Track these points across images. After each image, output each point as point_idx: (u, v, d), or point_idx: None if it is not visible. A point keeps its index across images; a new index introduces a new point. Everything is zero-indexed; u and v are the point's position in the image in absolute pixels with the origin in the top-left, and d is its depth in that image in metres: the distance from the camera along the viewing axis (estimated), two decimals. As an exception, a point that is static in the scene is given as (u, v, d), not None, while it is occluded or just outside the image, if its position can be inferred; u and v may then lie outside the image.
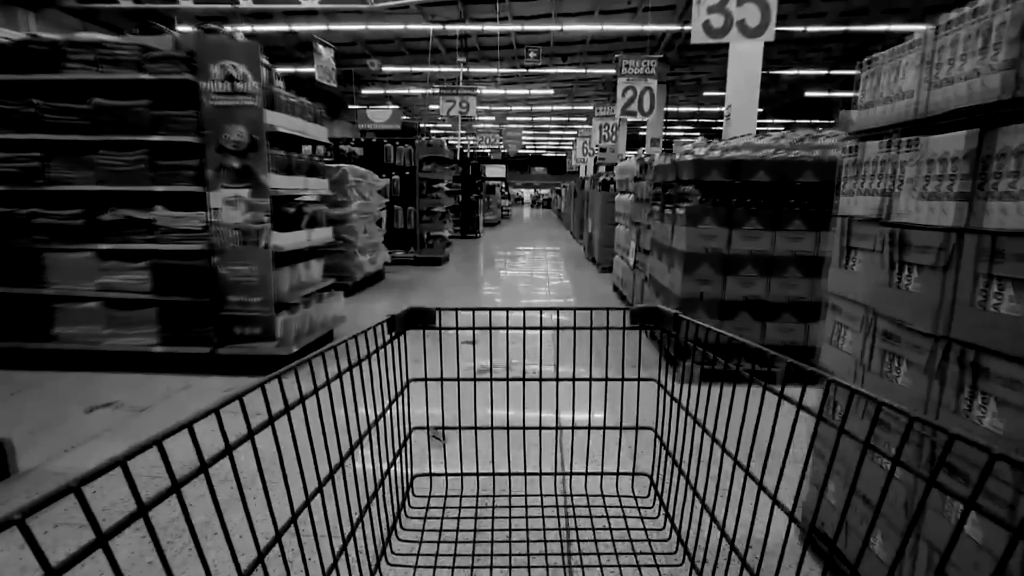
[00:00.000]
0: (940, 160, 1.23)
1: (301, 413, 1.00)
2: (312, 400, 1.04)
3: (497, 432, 2.22)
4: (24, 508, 0.45)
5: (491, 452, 1.80)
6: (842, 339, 1.67)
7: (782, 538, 0.99)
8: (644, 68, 9.16)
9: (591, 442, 2.22)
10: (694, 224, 3.35)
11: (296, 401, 0.94)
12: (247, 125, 3.28)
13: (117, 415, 2.89)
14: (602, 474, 1.71)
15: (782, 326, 3.40)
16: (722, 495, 1.88)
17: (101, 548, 0.52)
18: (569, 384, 2.61)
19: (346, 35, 16.17)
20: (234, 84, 3.24)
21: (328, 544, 1.51)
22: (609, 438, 2.56)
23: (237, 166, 3.32)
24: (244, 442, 0.78)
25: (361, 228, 6.51)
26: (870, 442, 0.73)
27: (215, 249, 3.40)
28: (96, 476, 0.53)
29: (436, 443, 2.48)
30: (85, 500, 0.51)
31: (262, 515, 1.76)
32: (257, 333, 3.48)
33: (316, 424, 1.55)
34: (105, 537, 0.53)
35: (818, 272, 3.33)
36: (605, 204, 8.03)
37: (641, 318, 1.48)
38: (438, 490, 2.02)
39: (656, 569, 1.45)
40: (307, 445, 1.51)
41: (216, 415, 0.73)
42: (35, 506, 0.46)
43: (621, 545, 1.53)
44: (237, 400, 0.79)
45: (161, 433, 0.62)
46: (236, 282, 3.43)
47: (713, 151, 3.42)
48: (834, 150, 3.27)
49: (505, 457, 2.02)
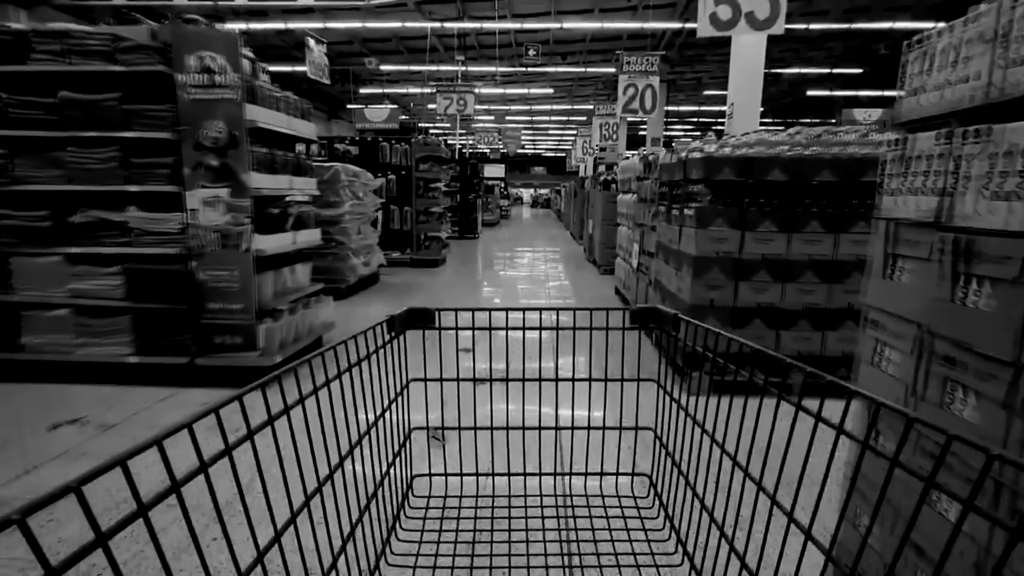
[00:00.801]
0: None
1: (300, 414, 1.00)
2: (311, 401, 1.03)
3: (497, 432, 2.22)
4: (24, 508, 0.45)
5: (491, 452, 1.81)
6: (885, 360, 1.46)
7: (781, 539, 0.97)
8: (646, 65, 8.96)
9: (591, 442, 2.21)
10: (704, 226, 3.13)
11: (295, 402, 0.94)
12: (226, 120, 3.06)
13: (83, 433, 2.67)
14: (602, 474, 1.68)
15: (798, 335, 3.19)
16: (722, 495, 1.83)
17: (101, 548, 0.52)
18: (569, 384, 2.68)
19: (343, 33, 15.98)
20: (212, 76, 3.03)
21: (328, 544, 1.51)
22: (609, 438, 2.51)
23: (216, 164, 3.11)
24: (243, 442, 0.79)
25: (354, 229, 6.30)
26: (935, 480, 0.56)
27: (193, 253, 3.19)
28: (97, 475, 0.53)
29: (436, 443, 2.44)
30: (85, 501, 0.51)
31: (261, 516, 1.76)
32: (238, 342, 3.26)
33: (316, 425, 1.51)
34: (105, 537, 0.53)
35: (836, 277, 3.12)
36: (606, 204, 7.82)
37: (641, 318, 1.48)
38: (438, 490, 1.99)
39: (655, 570, 1.44)
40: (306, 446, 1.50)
41: (216, 415, 0.74)
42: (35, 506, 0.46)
43: (621, 545, 1.52)
44: (237, 400, 0.79)
45: (161, 433, 0.63)
46: (215, 288, 3.22)
47: (723, 148, 3.21)
48: (854, 147, 3.06)
49: (505, 457, 2.02)
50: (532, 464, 2.29)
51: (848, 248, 3.09)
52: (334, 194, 6.01)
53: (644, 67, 8.95)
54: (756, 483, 1.03)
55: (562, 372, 3.60)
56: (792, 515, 0.88)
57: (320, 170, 5.99)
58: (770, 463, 2.12)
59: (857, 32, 14.77)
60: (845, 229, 3.08)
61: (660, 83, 12.04)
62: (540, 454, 1.76)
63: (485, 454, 2.05)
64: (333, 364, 1.21)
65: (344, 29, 15.17)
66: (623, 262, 5.99)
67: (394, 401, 1.47)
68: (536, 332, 1.97)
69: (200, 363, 3.25)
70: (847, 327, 3.18)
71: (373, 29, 15.28)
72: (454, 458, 2.36)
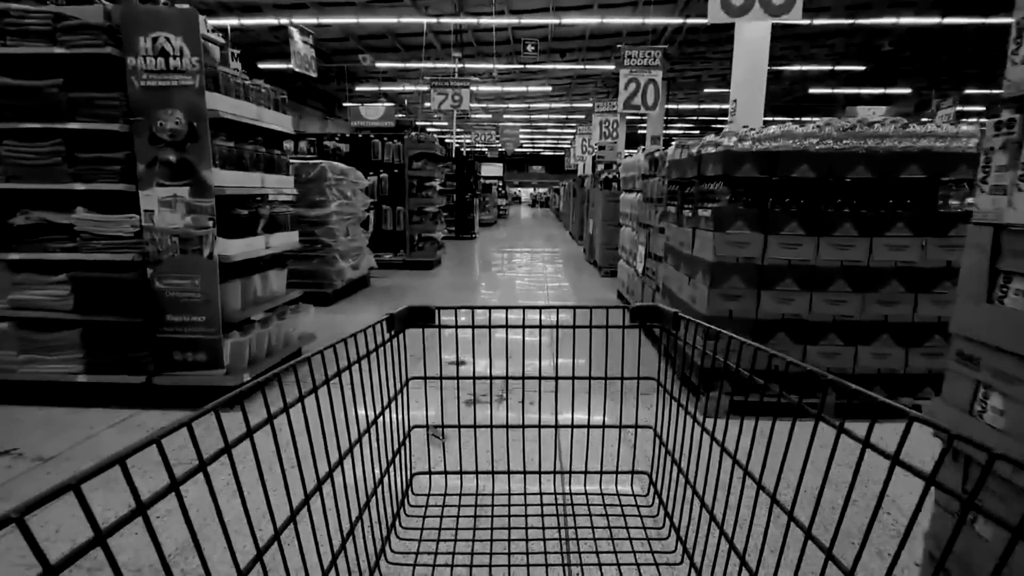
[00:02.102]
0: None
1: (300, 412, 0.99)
2: (311, 399, 1.03)
3: (496, 431, 2.22)
4: (21, 507, 0.45)
5: (490, 451, 1.82)
6: (989, 408, 1.12)
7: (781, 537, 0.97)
8: (648, 59, 8.62)
9: (590, 441, 2.18)
10: (722, 229, 2.80)
11: (295, 400, 0.94)
12: (185, 110, 2.71)
13: (11, 469, 2.32)
14: (601, 473, 1.68)
15: (826, 349, 2.85)
16: (722, 493, 1.84)
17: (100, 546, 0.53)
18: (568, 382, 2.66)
19: (338, 30, 15.65)
20: (168, 60, 2.68)
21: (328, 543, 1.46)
22: (609, 437, 2.49)
23: (174, 159, 2.76)
24: (243, 440, 0.79)
25: (342, 230, 5.95)
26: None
27: (149, 259, 2.84)
28: (96, 473, 0.53)
29: (435, 442, 2.40)
30: (84, 499, 0.51)
31: (261, 514, 1.77)
32: (201, 359, 2.92)
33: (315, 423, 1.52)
34: (104, 535, 0.53)
35: (870, 286, 2.79)
36: (608, 204, 7.49)
37: (641, 316, 1.48)
38: (437, 489, 1.98)
39: (655, 568, 1.42)
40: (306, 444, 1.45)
41: (216, 414, 0.73)
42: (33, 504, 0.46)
43: (620, 544, 1.53)
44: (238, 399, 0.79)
45: (160, 432, 0.63)
46: (175, 298, 2.87)
47: (744, 141, 2.88)
48: (892, 140, 2.72)
49: (504, 456, 2.00)
50: (532, 462, 2.24)
51: (883, 254, 2.75)
52: (320, 193, 5.66)
53: (647, 61, 8.62)
54: (756, 482, 1.02)
55: (562, 370, 3.48)
56: (792, 514, 0.88)
57: (304, 168, 5.64)
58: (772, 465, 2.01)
59: (860, 29, 14.49)
60: (881, 232, 2.74)
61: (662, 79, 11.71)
62: (540, 452, 1.76)
63: (485, 453, 2.04)
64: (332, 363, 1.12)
65: (339, 25, 14.82)
66: (626, 265, 5.65)
67: (393, 399, 1.46)
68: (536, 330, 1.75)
69: (158, 382, 2.90)
70: (883, 342, 2.84)
71: (368, 25, 14.94)
72: (453, 455, 2.34)
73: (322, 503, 1.08)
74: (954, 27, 13.78)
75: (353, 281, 6.27)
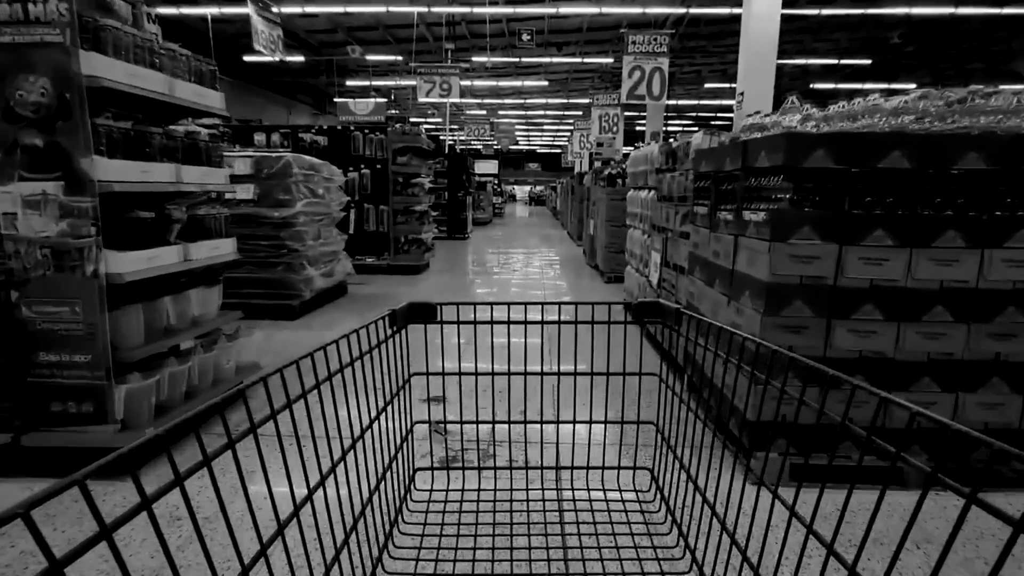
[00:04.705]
0: None
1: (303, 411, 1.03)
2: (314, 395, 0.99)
3: (498, 426, 2.24)
4: (26, 502, 0.44)
5: (492, 446, 1.96)
6: None
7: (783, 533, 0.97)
8: (654, 45, 7.90)
9: (592, 436, 2.21)
10: (783, 238, 2.08)
11: (298, 396, 0.94)
12: (52, 76, 1.98)
13: None
14: (603, 468, 1.71)
15: (920, 398, 2.15)
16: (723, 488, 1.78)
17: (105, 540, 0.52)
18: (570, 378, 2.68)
19: (326, 21, 14.88)
20: (26, 8, 1.95)
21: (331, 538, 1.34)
22: (611, 432, 2.50)
23: (39, 144, 2.02)
24: (246, 436, 0.79)
25: (312, 233, 5.20)
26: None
27: (12, 279, 2.10)
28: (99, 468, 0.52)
29: (438, 437, 2.38)
30: (89, 494, 0.50)
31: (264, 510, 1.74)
32: (86, 411, 2.19)
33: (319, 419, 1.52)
34: (109, 530, 0.52)
35: (981, 316, 2.08)
36: (611, 202, 6.78)
37: (642, 313, 1.50)
38: (440, 484, 1.91)
39: (657, 563, 1.41)
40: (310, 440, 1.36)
41: (220, 414, 0.72)
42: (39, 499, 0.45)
43: (622, 539, 1.53)
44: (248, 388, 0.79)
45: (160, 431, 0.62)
46: (48, 331, 2.13)
47: (808, 121, 2.16)
48: (1016, 117, 2.02)
49: (506, 451, 2.03)
50: (534, 458, 2.23)
51: (1002, 272, 2.04)
52: (284, 191, 4.92)
53: (652, 47, 7.90)
54: (758, 478, 1.06)
55: (563, 367, 3.38)
56: (794, 509, 0.91)
57: (266, 161, 4.90)
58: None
59: (867, 21, 13.84)
60: (999, 242, 2.04)
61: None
62: (542, 448, 1.82)
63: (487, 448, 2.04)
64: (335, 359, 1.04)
65: (326, 15, 14.05)
66: (635, 273, 4.93)
67: (396, 395, 1.48)
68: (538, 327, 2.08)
69: (27, 444, 2.17)
70: (993, 386, 2.14)
71: (356, 14, 14.18)
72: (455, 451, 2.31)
73: (325, 499, 1.07)
74: (961, 20, 13.13)
75: (325, 290, 5.53)
